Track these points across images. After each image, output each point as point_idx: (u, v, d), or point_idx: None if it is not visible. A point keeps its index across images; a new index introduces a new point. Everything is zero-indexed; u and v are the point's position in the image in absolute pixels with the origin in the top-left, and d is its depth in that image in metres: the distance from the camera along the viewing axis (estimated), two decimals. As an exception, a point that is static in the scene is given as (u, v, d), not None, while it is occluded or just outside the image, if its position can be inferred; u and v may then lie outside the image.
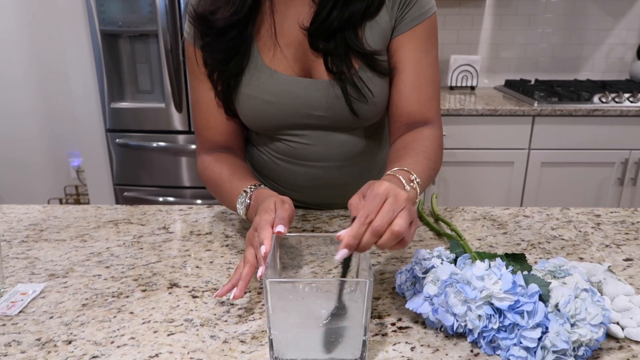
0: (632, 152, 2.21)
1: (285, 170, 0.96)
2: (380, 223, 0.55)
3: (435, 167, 0.81)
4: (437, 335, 0.60)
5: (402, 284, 0.67)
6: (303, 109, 0.87)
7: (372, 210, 0.55)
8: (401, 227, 0.55)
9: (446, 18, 2.66)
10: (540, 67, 2.75)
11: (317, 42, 0.83)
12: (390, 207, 0.56)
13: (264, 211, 0.68)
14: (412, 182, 0.69)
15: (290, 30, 0.85)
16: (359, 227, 0.55)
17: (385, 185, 0.57)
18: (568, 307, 0.55)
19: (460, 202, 2.33)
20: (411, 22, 0.84)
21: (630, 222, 0.93)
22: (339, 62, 0.83)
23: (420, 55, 0.85)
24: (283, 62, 0.86)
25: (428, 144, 0.81)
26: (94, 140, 2.33)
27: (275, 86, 0.86)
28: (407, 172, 0.71)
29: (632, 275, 0.74)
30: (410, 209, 0.57)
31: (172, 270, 0.76)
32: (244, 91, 0.87)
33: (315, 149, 0.92)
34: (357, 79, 0.83)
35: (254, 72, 0.86)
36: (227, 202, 0.86)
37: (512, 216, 0.96)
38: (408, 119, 0.86)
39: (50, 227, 0.93)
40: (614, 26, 2.66)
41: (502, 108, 2.15)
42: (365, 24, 0.83)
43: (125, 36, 2.19)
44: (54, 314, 0.65)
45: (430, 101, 0.86)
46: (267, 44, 0.86)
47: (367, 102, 0.85)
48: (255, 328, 0.62)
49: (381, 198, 0.56)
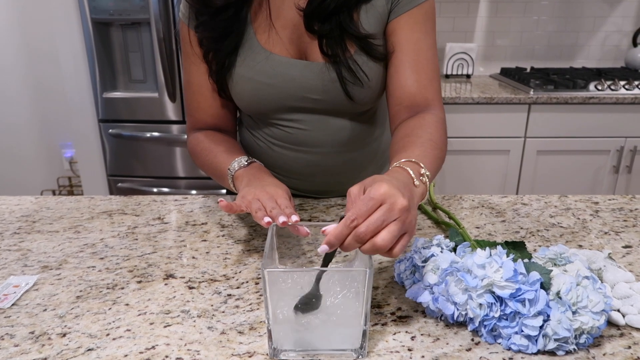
0: (627, 139, 2.21)
1: (281, 157, 0.95)
2: (365, 231, 0.51)
3: (442, 155, 0.76)
4: (437, 324, 0.60)
5: (402, 273, 0.66)
6: (298, 92, 0.86)
7: (361, 215, 0.52)
8: (384, 241, 0.51)
9: (442, 5, 2.64)
10: (536, 55, 2.73)
11: (312, 24, 0.82)
12: (381, 215, 0.52)
13: (277, 186, 0.74)
14: (422, 176, 0.64)
15: (286, 11, 0.84)
16: (342, 229, 0.52)
17: (384, 188, 0.53)
18: (570, 294, 0.54)
19: (457, 190, 2.33)
20: (409, 4, 0.82)
21: (629, 209, 0.92)
22: (334, 44, 0.81)
23: (419, 36, 0.83)
24: (278, 43, 0.85)
25: (433, 130, 0.77)
26: (86, 131, 2.31)
27: (271, 68, 0.85)
28: (416, 164, 0.65)
29: (632, 262, 0.74)
30: (403, 220, 0.53)
31: (167, 261, 0.75)
32: (239, 72, 0.86)
33: (312, 134, 0.90)
34: (352, 62, 0.82)
35: (249, 52, 0.85)
36: (217, 165, 0.86)
37: (511, 204, 0.95)
38: (409, 101, 0.83)
39: (43, 218, 0.91)
40: (610, 13, 2.65)
41: (498, 96, 2.14)
42: (361, 7, 0.82)
43: (117, 25, 2.16)
44: (48, 306, 0.64)
45: (430, 82, 0.83)
46: (263, 25, 0.85)
47: (363, 85, 0.84)
48: (254, 319, 0.61)
49: (375, 203, 0.52)
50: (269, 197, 0.71)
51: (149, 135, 2.24)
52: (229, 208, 0.70)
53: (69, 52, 2.20)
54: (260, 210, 0.68)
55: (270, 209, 0.68)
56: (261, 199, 0.71)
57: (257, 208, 0.69)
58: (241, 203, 0.72)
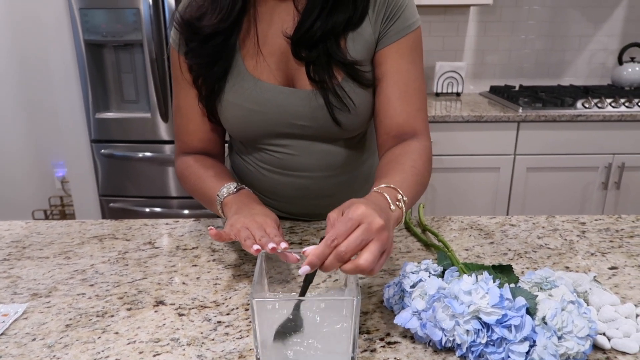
0: (615, 156, 2.24)
1: (271, 181, 0.95)
2: (345, 250, 0.54)
3: (424, 182, 0.79)
4: (425, 350, 0.60)
5: (390, 297, 0.67)
6: (286, 118, 0.87)
7: (340, 235, 0.55)
8: (367, 262, 0.54)
9: (431, 25, 2.68)
10: (524, 73, 2.78)
11: (299, 51, 0.83)
12: (360, 235, 0.55)
13: (265, 215, 0.76)
14: (398, 202, 0.67)
15: (273, 38, 0.85)
16: (324, 249, 0.55)
17: (361, 209, 0.56)
18: (555, 320, 0.55)
19: (448, 207, 2.34)
20: (396, 35, 0.84)
21: (615, 230, 0.94)
22: (321, 71, 0.83)
23: (407, 66, 0.85)
24: (266, 70, 0.86)
25: (416, 157, 0.80)
26: (78, 151, 2.31)
27: (259, 94, 0.86)
28: (394, 189, 0.69)
29: (618, 283, 0.75)
30: (381, 239, 0.56)
31: (158, 287, 0.75)
32: (228, 98, 0.88)
33: (300, 159, 0.91)
34: (339, 89, 0.83)
35: (238, 79, 0.87)
36: (206, 190, 0.88)
37: (499, 225, 0.96)
38: (396, 131, 0.85)
39: (33, 243, 0.91)
40: (595, 32, 2.71)
41: (487, 114, 2.17)
42: (348, 34, 0.83)
43: (110, 46, 2.17)
44: (37, 335, 0.64)
45: (418, 112, 0.86)
46: (250, 52, 0.87)
47: (350, 111, 0.85)
48: (243, 346, 0.61)
49: (353, 224, 0.55)
50: (257, 226, 0.72)
51: (141, 155, 2.25)
52: (219, 236, 0.71)
53: (62, 72, 2.22)
54: (249, 239, 0.69)
55: (259, 237, 0.69)
56: (250, 227, 0.72)
57: (246, 237, 0.70)
58: (230, 232, 0.73)
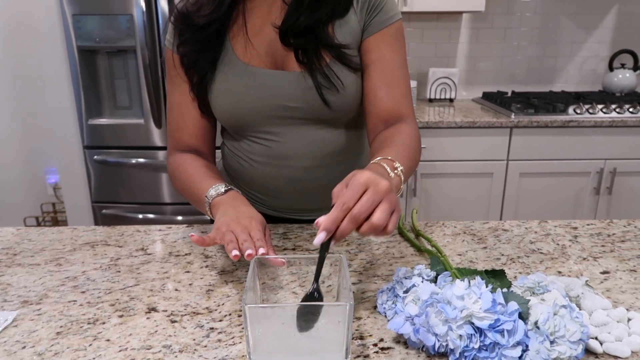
0: (606, 161, 2.26)
1: (264, 175, 0.96)
2: (359, 211, 0.57)
3: (416, 157, 0.84)
4: (419, 355, 0.60)
5: (384, 303, 0.67)
6: (277, 101, 0.89)
7: (351, 199, 0.58)
8: (380, 219, 0.57)
9: (424, 32, 2.70)
10: (516, 79, 2.80)
11: (288, 39, 0.87)
12: (370, 197, 0.58)
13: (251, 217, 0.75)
14: (395, 170, 0.71)
15: (261, 28, 0.89)
16: (337, 214, 0.58)
17: (366, 175, 0.59)
18: (547, 324, 0.55)
19: (441, 213, 2.35)
20: (379, 25, 0.88)
21: (607, 234, 0.94)
22: (310, 53, 0.86)
23: (391, 55, 0.89)
24: (255, 56, 0.90)
25: (406, 136, 0.84)
26: (71, 157, 2.30)
27: (249, 79, 0.89)
28: (390, 160, 0.73)
29: (609, 288, 0.75)
30: (390, 200, 0.59)
31: (150, 294, 0.75)
32: (218, 85, 0.90)
33: (292, 146, 0.93)
34: (327, 70, 0.87)
35: (228, 66, 0.90)
36: (195, 190, 0.88)
37: (492, 230, 0.96)
38: (385, 115, 0.89)
39: (24, 250, 0.90)
40: (586, 39, 2.74)
41: (480, 120, 2.18)
42: (335, 22, 0.87)
43: (103, 52, 2.17)
44: (27, 343, 0.63)
45: (404, 97, 0.90)
46: (240, 41, 0.90)
47: (338, 91, 0.87)
48: (236, 353, 0.61)
49: (361, 188, 0.58)
50: (242, 229, 0.72)
51: (135, 161, 2.24)
52: (201, 242, 0.72)
53: (54, 78, 2.21)
54: (232, 243, 0.70)
55: (242, 241, 0.70)
56: (234, 231, 0.72)
57: (230, 240, 0.70)
58: (215, 235, 0.73)
